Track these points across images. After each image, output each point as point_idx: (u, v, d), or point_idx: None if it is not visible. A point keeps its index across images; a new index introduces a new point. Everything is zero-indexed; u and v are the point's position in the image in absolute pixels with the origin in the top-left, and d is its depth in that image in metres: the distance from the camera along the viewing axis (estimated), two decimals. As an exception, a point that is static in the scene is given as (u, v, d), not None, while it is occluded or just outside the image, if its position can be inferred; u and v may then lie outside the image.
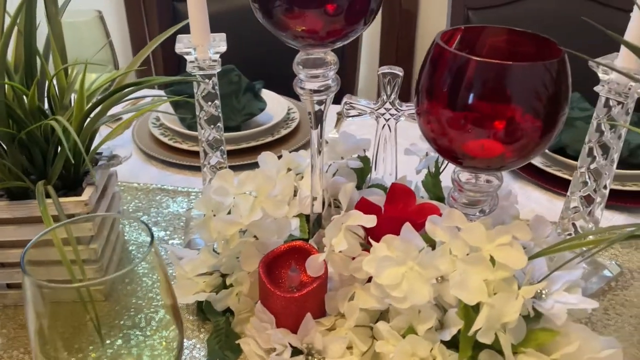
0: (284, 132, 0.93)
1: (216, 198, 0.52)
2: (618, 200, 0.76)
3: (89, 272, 0.55)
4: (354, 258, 0.51)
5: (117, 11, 1.80)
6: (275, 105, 0.98)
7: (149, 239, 0.36)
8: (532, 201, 0.78)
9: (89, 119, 0.55)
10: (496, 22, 1.13)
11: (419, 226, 0.56)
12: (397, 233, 0.52)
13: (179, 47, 0.59)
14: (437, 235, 0.50)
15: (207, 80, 0.61)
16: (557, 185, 0.80)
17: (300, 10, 0.46)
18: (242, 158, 0.86)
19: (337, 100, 0.58)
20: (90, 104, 0.52)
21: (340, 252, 0.50)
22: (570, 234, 0.62)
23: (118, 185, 0.80)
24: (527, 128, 0.45)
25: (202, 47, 0.59)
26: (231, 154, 0.87)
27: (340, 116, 1.07)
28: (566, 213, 0.62)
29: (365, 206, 0.57)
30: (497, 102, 0.44)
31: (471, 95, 0.44)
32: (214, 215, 0.54)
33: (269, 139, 0.90)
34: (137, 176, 0.84)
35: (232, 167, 0.86)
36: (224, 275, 0.57)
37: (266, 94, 1.02)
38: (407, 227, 0.51)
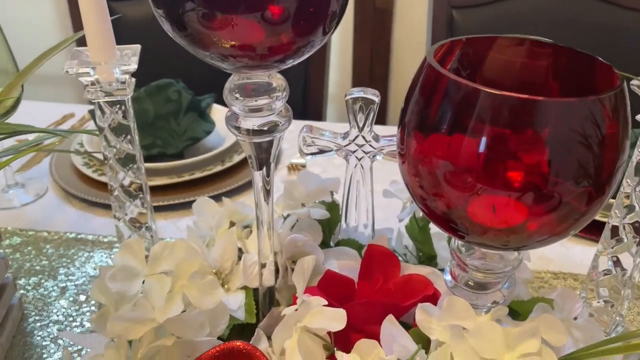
0: (237, 158, 0.76)
1: (115, 287, 0.36)
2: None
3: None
4: (315, 370, 0.36)
5: (59, 14, 1.63)
6: (228, 124, 0.82)
7: None
8: (540, 245, 0.64)
9: None
10: (485, 22, 0.99)
11: (405, 309, 0.41)
12: (375, 320, 0.38)
13: (70, 66, 0.42)
14: (433, 333, 0.36)
15: (115, 109, 0.45)
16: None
17: (226, 16, 0.31)
18: (185, 193, 0.70)
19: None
20: None
21: (294, 365, 0.34)
22: (603, 301, 0.48)
23: (21, 234, 0.63)
24: (565, 188, 0.30)
25: (105, 65, 0.43)
26: (170, 188, 0.71)
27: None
28: (594, 274, 0.48)
29: (332, 282, 0.42)
30: (521, 153, 0.30)
31: (483, 142, 0.29)
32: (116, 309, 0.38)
33: (219, 167, 0.74)
34: (51, 220, 0.67)
35: (170, 207, 0.70)
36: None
37: (218, 111, 0.85)
38: (389, 323, 0.36)
